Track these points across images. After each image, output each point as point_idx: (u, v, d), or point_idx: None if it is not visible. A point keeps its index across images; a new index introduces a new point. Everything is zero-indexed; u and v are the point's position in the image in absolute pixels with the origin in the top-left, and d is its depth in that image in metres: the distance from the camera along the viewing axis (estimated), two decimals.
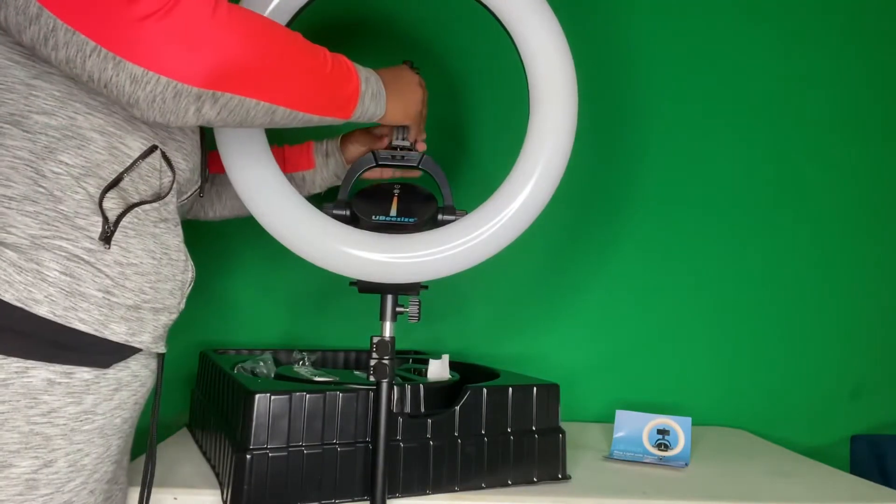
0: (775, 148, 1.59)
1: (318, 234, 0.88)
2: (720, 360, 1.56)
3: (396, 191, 0.99)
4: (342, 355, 1.39)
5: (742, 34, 1.59)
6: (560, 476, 1.06)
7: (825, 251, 1.59)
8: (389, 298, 0.93)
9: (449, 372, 1.14)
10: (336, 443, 0.93)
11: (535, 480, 1.03)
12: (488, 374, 1.16)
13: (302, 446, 0.91)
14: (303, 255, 0.89)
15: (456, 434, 0.99)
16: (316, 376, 1.08)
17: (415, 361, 1.28)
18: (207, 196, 1.10)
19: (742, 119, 1.59)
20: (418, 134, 1.04)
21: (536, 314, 1.55)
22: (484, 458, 1.00)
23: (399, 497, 0.94)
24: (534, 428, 1.05)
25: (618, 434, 1.27)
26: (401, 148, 1.01)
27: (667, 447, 1.23)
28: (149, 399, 0.82)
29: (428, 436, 0.97)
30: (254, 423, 0.89)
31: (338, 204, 0.95)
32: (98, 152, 0.71)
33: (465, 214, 0.92)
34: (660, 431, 1.25)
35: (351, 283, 0.93)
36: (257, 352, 1.35)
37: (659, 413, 1.27)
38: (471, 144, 1.55)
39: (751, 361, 1.57)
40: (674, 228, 1.57)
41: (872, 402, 1.57)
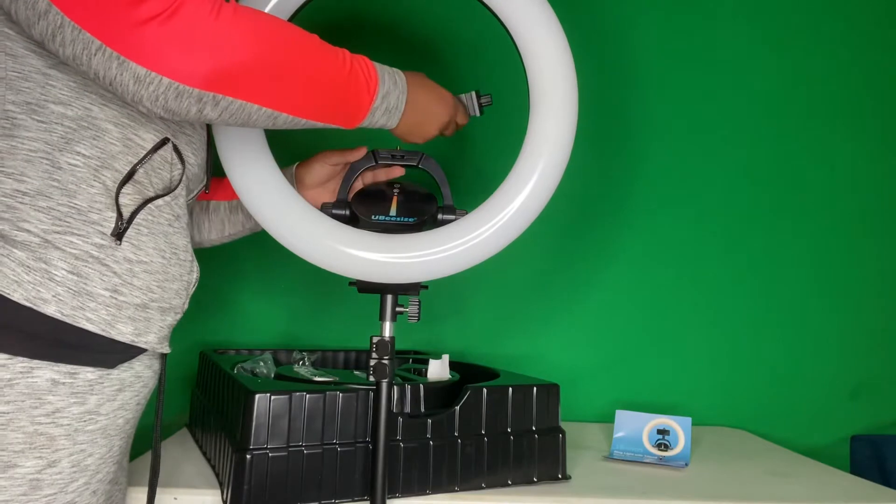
0: (774, 149, 1.59)
1: (318, 234, 0.88)
2: (720, 360, 1.56)
3: (396, 190, 0.99)
4: (342, 355, 1.39)
5: (743, 36, 1.59)
6: (560, 476, 1.06)
7: (825, 251, 1.59)
8: (389, 298, 0.93)
9: (449, 372, 1.14)
10: (336, 443, 0.93)
11: (535, 480, 1.03)
12: (488, 374, 1.16)
13: (302, 446, 0.91)
14: (302, 256, 0.89)
15: (456, 434, 0.99)
16: (316, 376, 1.08)
17: (415, 361, 1.28)
18: (205, 217, 1.07)
19: (741, 121, 1.59)
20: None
21: (536, 314, 1.55)
22: (484, 458, 1.00)
23: (399, 497, 0.94)
24: (534, 428, 1.05)
25: (618, 434, 1.27)
26: (400, 147, 1.01)
27: (667, 447, 1.23)
28: (151, 399, 0.82)
29: (428, 436, 0.97)
30: (254, 423, 0.89)
31: (337, 203, 0.96)
32: (113, 143, 0.71)
33: (465, 214, 0.92)
34: (660, 431, 1.25)
35: (350, 283, 0.93)
36: (257, 352, 1.35)
37: (659, 413, 1.27)
38: (471, 144, 1.55)
39: (751, 361, 1.57)
40: (674, 228, 1.57)
41: (872, 402, 1.58)
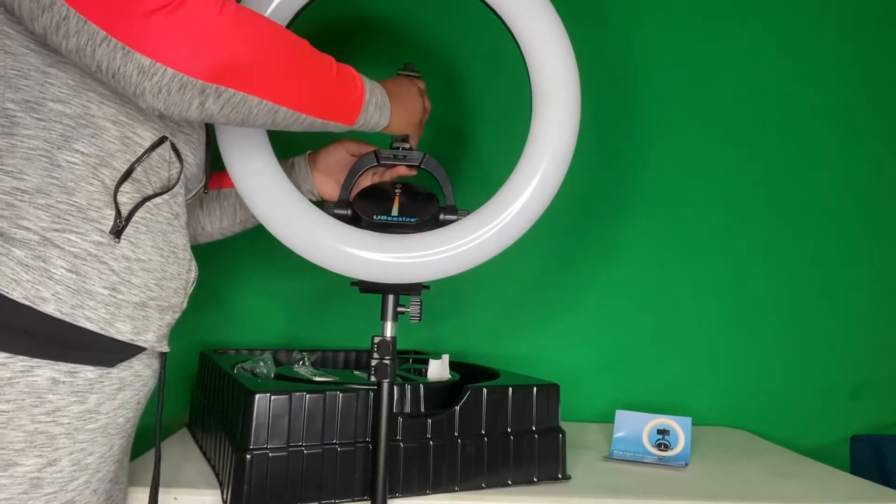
0: (775, 150, 1.59)
1: (319, 234, 0.88)
2: (720, 360, 1.56)
3: (398, 190, 0.98)
4: (342, 355, 1.39)
5: (744, 36, 1.59)
6: (560, 476, 1.06)
7: (825, 251, 1.59)
8: (391, 298, 0.93)
9: (449, 372, 1.14)
10: (336, 443, 0.93)
11: (535, 480, 1.03)
12: (488, 374, 1.16)
13: (302, 446, 0.91)
14: (304, 255, 0.89)
15: (456, 434, 0.99)
16: (316, 376, 1.08)
17: (415, 361, 1.28)
18: (216, 205, 1.09)
19: (743, 121, 1.59)
20: (415, 140, 1.03)
21: (537, 314, 1.55)
22: (484, 458, 1.00)
23: (399, 497, 0.94)
24: (534, 428, 1.05)
25: (618, 434, 1.27)
26: (402, 147, 1.01)
27: (667, 447, 1.23)
28: (151, 398, 0.82)
29: (428, 436, 0.97)
30: (254, 423, 0.89)
31: (339, 203, 0.95)
32: (111, 141, 0.71)
33: (467, 214, 0.92)
34: (660, 431, 1.25)
35: (352, 283, 0.93)
36: (257, 352, 1.35)
37: (659, 413, 1.27)
38: (473, 144, 1.55)
39: (751, 361, 1.57)
40: (674, 229, 1.57)
41: (872, 402, 1.58)
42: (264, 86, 0.70)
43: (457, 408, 1.00)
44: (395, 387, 0.97)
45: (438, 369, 1.13)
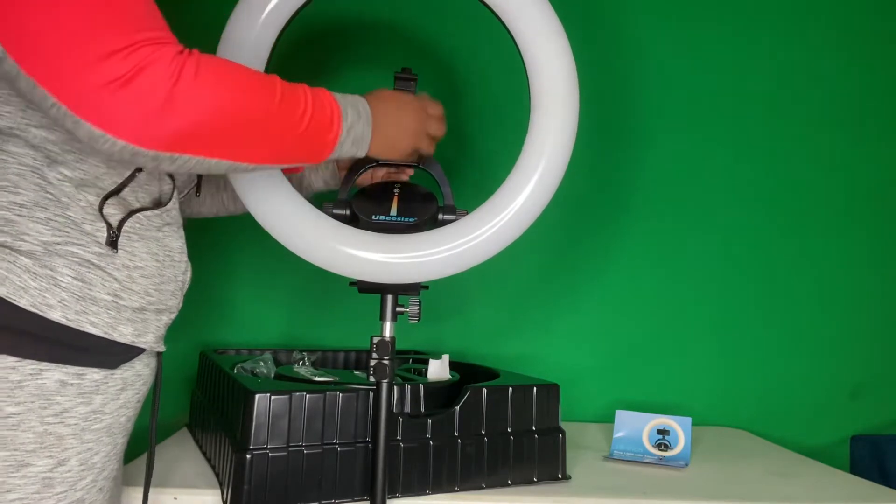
0: (774, 151, 1.59)
1: (318, 234, 0.88)
2: (720, 360, 1.56)
3: (397, 190, 0.98)
4: (342, 355, 1.39)
5: (743, 37, 1.59)
6: (560, 476, 1.06)
7: (824, 251, 1.59)
8: (389, 298, 0.93)
9: (449, 372, 1.14)
10: (336, 443, 0.93)
11: (535, 480, 1.03)
12: (488, 374, 1.16)
13: (302, 446, 0.91)
14: (303, 255, 0.89)
15: (456, 434, 0.99)
16: (316, 376, 1.08)
17: (415, 361, 1.28)
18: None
19: (742, 122, 1.59)
20: (428, 150, 0.96)
21: (536, 314, 1.55)
22: (484, 458, 1.00)
23: (399, 497, 0.94)
24: (534, 428, 1.05)
25: (618, 434, 1.27)
26: None
27: (667, 447, 1.23)
28: (148, 397, 0.82)
29: (428, 436, 0.97)
30: (254, 423, 0.89)
31: (338, 203, 0.95)
32: (97, 165, 0.71)
33: (466, 214, 0.92)
34: (660, 431, 1.25)
35: (351, 284, 0.93)
36: (257, 352, 1.35)
37: (659, 413, 1.27)
38: (472, 144, 1.55)
39: (751, 361, 1.57)
40: (674, 229, 1.57)
41: (872, 402, 1.57)
42: (222, 148, 0.67)
43: (457, 408, 1.00)
44: (395, 387, 0.98)
45: (438, 369, 1.13)
